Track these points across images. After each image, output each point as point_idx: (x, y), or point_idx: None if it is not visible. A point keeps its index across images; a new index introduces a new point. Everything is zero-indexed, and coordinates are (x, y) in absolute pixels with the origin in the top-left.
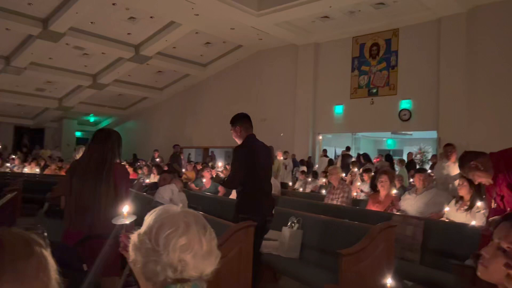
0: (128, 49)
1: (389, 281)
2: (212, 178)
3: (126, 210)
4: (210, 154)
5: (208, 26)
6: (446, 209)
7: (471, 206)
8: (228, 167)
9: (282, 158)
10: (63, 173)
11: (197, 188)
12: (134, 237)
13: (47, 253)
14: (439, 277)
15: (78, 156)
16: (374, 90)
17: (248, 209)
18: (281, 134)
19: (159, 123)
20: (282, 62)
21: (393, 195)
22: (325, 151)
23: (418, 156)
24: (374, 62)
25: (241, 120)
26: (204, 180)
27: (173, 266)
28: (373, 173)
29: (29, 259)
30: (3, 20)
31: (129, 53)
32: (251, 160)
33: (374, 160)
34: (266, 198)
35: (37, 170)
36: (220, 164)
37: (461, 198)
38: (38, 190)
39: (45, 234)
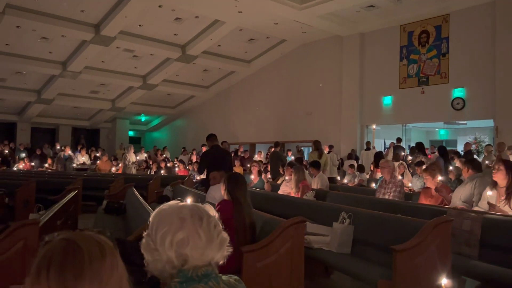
0: (175, 49)
1: (444, 278)
2: (259, 173)
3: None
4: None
5: (252, 23)
6: (489, 193)
7: (508, 197)
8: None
9: (327, 152)
10: (120, 171)
11: None
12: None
13: (117, 253)
14: (499, 273)
15: (129, 155)
16: (425, 79)
17: (208, 184)
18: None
19: (207, 121)
20: (327, 54)
21: (439, 182)
22: (368, 143)
23: (474, 146)
24: (424, 50)
25: (209, 138)
26: (252, 176)
27: (171, 262)
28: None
29: (104, 259)
30: (59, 27)
31: (176, 53)
32: (210, 159)
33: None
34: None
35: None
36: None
37: (496, 184)
38: (96, 188)
39: (112, 236)
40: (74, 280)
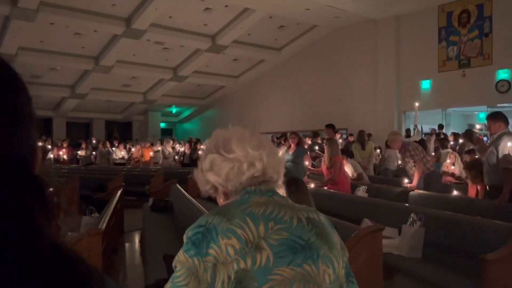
0: (205, 40)
1: None
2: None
3: None
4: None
5: (282, 9)
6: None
7: None
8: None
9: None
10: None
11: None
12: None
13: None
14: None
15: (168, 147)
16: (466, 61)
17: None
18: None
19: (237, 111)
20: (361, 39)
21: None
22: (408, 131)
23: None
24: (465, 30)
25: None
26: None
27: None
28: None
29: None
30: (91, 22)
31: (206, 44)
32: None
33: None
34: None
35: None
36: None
37: None
38: (136, 183)
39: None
40: None
